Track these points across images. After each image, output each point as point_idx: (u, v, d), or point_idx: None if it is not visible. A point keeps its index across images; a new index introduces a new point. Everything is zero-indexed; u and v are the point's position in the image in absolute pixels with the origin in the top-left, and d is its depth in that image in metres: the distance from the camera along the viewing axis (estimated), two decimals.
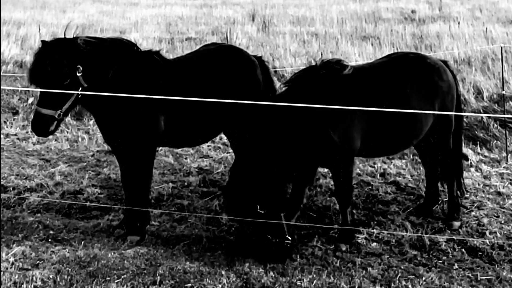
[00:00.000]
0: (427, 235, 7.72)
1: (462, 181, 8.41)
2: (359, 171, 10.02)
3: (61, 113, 7.09)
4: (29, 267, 7.01)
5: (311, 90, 7.21)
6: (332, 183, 9.11)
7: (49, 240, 7.72)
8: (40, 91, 7.07)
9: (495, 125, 11.65)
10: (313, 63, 7.64)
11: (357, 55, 16.32)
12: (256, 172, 6.89)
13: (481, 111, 12.37)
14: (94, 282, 6.67)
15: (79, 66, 7.08)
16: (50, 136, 9.29)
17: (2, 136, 11.85)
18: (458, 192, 8.28)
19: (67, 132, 12.12)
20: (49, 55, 6.97)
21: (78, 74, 7.08)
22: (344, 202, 7.51)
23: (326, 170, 9.47)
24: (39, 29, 19.93)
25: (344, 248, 7.43)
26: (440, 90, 7.77)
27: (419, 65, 7.83)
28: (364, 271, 6.97)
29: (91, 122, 12.37)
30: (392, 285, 6.72)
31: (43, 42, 7.08)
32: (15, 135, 12.15)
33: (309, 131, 7.06)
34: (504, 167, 10.23)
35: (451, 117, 8.02)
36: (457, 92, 8.18)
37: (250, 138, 7.11)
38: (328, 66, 7.42)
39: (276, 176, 7.05)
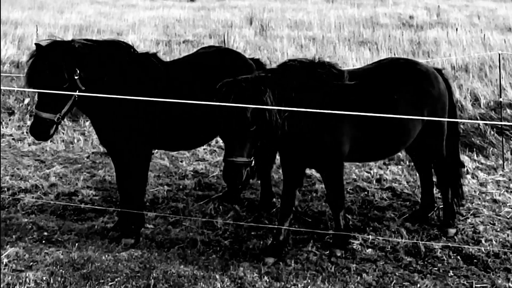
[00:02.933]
0: (423, 242, 7.70)
1: (460, 189, 8.37)
2: (355, 177, 10.01)
3: (60, 117, 7.06)
4: (23, 269, 6.97)
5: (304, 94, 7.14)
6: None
7: (43, 241, 7.68)
8: (39, 95, 7.04)
9: (492, 132, 11.64)
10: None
11: (354, 60, 16.33)
12: None
13: (478, 118, 12.37)
14: (87, 285, 6.64)
15: (76, 69, 7.06)
16: None
17: None
18: (455, 199, 8.27)
19: (63, 133, 12.09)
20: (47, 59, 6.93)
21: (76, 77, 7.05)
22: (336, 207, 7.49)
23: None
24: (37, 30, 19.92)
25: (339, 254, 7.41)
26: (429, 97, 7.70)
27: (408, 71, 7.76)
28: (359, 277, 6.95)
29: (87, 123, 12.35)
30: None
31: (37, 45, 7.03)
32: (11, 135, 12.12)
33: (300, 133, 6.99)
34: (500, 174, 10.22)
35: (442, 124, 7.98)
36: (451, 100, 8.14)
37: None
38: (328, 71, 7.33)
39: None
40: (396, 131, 7.50)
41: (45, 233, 7.90)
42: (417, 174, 9.11)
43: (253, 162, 6.58)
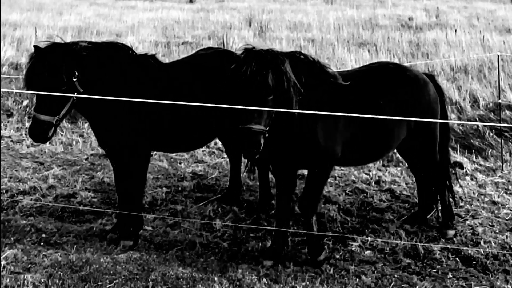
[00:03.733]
0: (421, 244, 7.70)
1: (452, 192, 8.37)
2: (354, 178, 10.00)
3: (59, 119, 7.05)
4: (21, 271, 6.96)
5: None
6: (327, 190, 9.11)
7: (41, 243, 7.67)
8: (38, 97, 7.03)
9: (491, 134, 11.64)
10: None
11: (353, 62, 16.31)
12: None
13: (477, 119, 12.36)
14: (86, 287, 6.64)
15: (75, 71, 7.05)
16: None
17: None
18: (452, 200, 8.28)
19: (62, 135, 12.07)
20: (46, 61, 6.92)
21: (74, 79, 7.05)
22: (310, 210, 7.27)
23: None
24: (35, 31, 19.89)
25: (322, 258, 7.27)
26: (417, 103, 7.66)
27: (397, 76, 7.72)
28: (357, 279, 6.94)
29: (86, 125, 12.33)
30: None
31: (36, 47, 7.02)
32: (9, 137, 12.09)
33: (296, 133, 6.95)
34: (499, 176, 10.21)
35: (434, 129, 7.97)
36: (443, 107, 8.11)
37: None
38: (325, 71, 7.31)
39: None
40: (381, 135, 7.46)
41: (44, 235, 7.89)
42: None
43: (267, 133, 6.47)
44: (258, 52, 6.58)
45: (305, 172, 9.73)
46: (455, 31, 21.29)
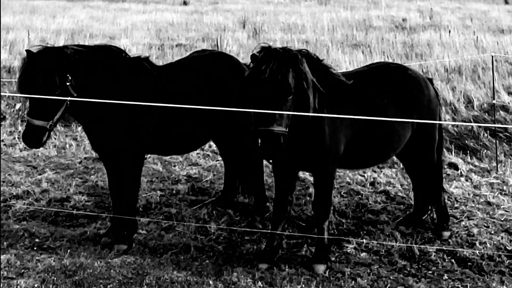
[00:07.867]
0: (417, 245, 7.68)
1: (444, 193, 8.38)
2: (349, 180, 9.98)
3: (52, 124, 7.02)
4: (14, 276, 6.92)
5: None
6: None
7: (35, 248, 7.63)
8: (31, 102, 6.99)
9: (486, 135, 11.65)
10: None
11: (347, 63, 16.31)
12: None
13: (472, 120, 12.37)
14: None
15: (68, 75, 7.01)
16: None
17: None
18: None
19: (55, 138, 12.02)
20: (39, 66, 6.88)
21: (67, 84, 7.01)
22: (322, 215, 7.22)
23: None
24: (28, 34, 19.83)
25: (321, 271, 7.11)
26: (418, 103, 7.68)
27: (398, 75, 7.74)
28: (353, 282, 6.92)
29: (79, 128, 12.28)
30: None
31: (28, 52, 6.98)
32: (2, 141, 12.03)
33: (304, 133, 6.89)
34: (494, 176, 10.21)
35: (433, 131, 7.96)
36: (439, 111, 8.11)
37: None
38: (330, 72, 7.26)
39: None
40: (385, 136, 7.44)
41: (37, 240, 7.85)
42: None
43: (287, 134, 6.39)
44: (276, 51, 6.50)
45: (301, 175, 9.77)
46: (449, 32, 21.32)
